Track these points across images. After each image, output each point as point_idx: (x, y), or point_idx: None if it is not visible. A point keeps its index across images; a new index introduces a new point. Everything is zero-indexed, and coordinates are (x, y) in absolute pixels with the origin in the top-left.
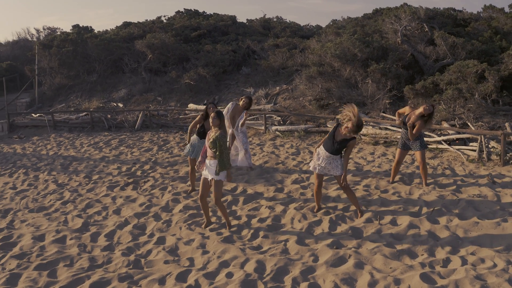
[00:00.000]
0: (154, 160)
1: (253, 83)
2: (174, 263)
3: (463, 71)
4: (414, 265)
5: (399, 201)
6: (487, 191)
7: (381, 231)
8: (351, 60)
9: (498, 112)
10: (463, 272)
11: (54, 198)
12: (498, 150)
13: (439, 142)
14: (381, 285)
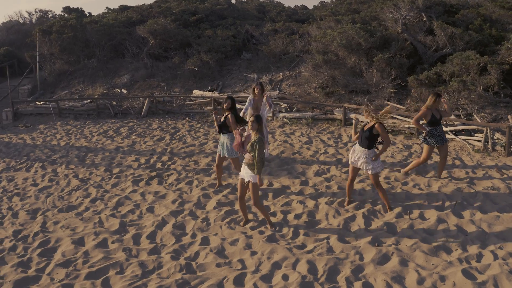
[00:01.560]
0: (170, 150)
1: (256, 68)
2: (226, 266)
3: (466, 63)
4: (452, 261)
5: (422, 194)
6: (499, 183)
7: (413, 226)
8: (356, 49)
9: (499, 104)
10: (497, 267)
11: (81, 195)
12: (502, 141)
13: (446, 132)
14: (428, 283)
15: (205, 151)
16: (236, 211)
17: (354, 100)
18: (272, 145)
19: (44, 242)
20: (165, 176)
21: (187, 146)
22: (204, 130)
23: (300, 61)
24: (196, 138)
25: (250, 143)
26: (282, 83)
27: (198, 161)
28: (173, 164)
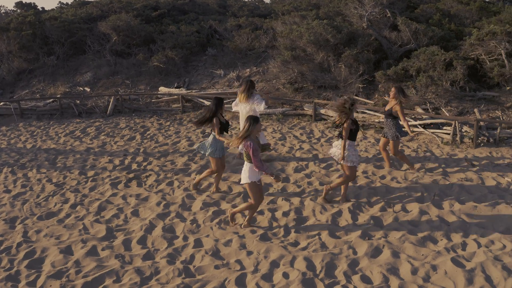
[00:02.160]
0: (143, 150)
1: (222, 64)
2: (225, 267)
3: (432, 59)
4: (440, 250)
5: (401, 187)
6: (471, 174)
7: (398, 218)
8: (324, 45)
9: (465, 98)
10: (482, 254)
11: (59, 201)
12: (470, 134)
13: (415, 126)
14: (421, 272)
15: (180, 150)
16: (224, 211)
17: (323, 95)
18: None
19: (30, 253)
20: (143, 177)
21: (160, 146)
22: (174, 128)
23: (266, 57)
24: (168, 137)
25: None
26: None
27: (174, 161)
28: (149, 164)
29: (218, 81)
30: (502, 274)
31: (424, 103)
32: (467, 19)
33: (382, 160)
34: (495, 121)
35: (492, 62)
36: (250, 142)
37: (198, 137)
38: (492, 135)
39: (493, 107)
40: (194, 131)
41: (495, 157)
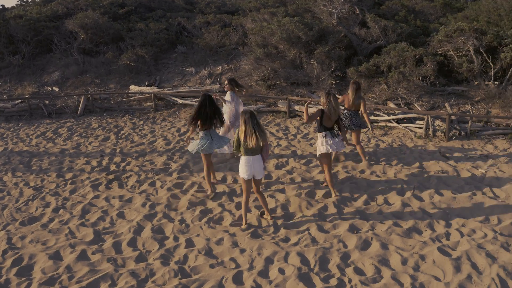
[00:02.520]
0: (119, 150)
1: (193, 62)
2: (220, 266)
3: (403, 55)
4: (426, 241)
5: (381, 181)
6: (446, 166)
7: (382, 211)
8: (296, 43)
9: (435, 93)
10: (466, 243)
11: (39, 205)
12: (442, 127)
13: (389, 121)
14: (411, 262)
15: (157, 150)
16: (211, 209)
17: (296, 92)
18: None
19: (17, 260)
20: (124, 178)
21: (136, 145)
22: (148, 128)
23: (237, 54)
24: (143, 136)
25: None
26: (221, 76)
27: (153, 161)
28: (128, 165)
29: (189, 79)
30: (486, 261)
31: (395, 98)
32: (432, 15)
33: (354, 154)
34: (466, 115)
35: (461, 58)
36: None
37: (174, 136)
38: (463, 128)
39: (462, 101)
40: (169, 130)
41: (467, 149)
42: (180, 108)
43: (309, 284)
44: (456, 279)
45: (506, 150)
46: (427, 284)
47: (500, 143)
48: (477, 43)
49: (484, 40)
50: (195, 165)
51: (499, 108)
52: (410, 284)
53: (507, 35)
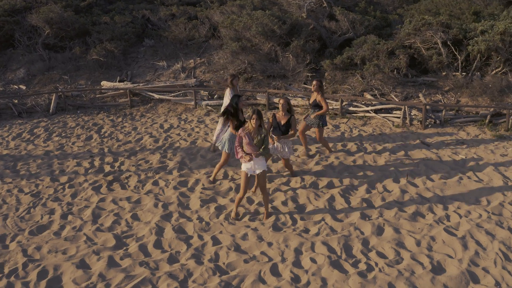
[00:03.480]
0: (108, 150)
1: (163, 56)
2: (253, 260)
3: (376, 48)
4: (431, 223)
5: (375, 170)
6: (429, 153)
7: (384, 199)
8: (271, 36)
9: (407, 84)
10: (466, 223)
11: (44, 212)
12: (419, 117)
13: (367, 111)
14: (424, 244)
15: (147, 148)
16: (224, 206)
17: (273, 84)
18: (212, 135)
19: (42, 273)
20: (124, 179)
21: (123, 144)
22: (129, 124)
23: (208, 47)
24: (127, 134)
25: (258, 139)
26: (195, 70)
27: (147, 159)
28: (122, 165)
29: (162, 73)
30: (487, 238)
31: (370, 90)
32: (389, 6)
33: (349, 146)
34: (440, 104)
35: (430, 50)
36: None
37: (159, 132)
38: (437, 117)
39: (433, 91)
40: (151, 126)
41: (443, 136)
42: (156, 104)
43: (342, 270)
44: (466, 256)
45: (478, 136)
46: (443, 262)
47: (472, 130)
48: (444, 36)
49: (451, 33)
50: (192, 162)
51: (467, 97)
52: (429, 263)
53: (471, 28)
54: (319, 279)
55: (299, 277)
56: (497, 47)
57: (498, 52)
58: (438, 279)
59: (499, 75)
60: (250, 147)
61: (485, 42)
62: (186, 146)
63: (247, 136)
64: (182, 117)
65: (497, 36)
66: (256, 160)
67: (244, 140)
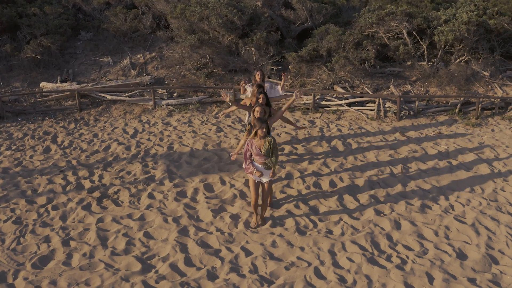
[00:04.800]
0: (77, 162)
1: (106, 51)
2: (294, 266)
3: (342, 39)
4: (440, 213)
5: (368, 166)
6: (414, 146)
7: (389, 194)
8: (231, 28)
9: (375, 75)
10: (470, 211)
11: (39, 241)
12: (393, 109)
13: (340, 105)
14: (441, 233)
15: (120, 156)
16: (238, 214)
17: (236, 79)
18: (187, 138)
19: None
20: (113, 194)
21: (91, 154)
22: (86, 131)
23: (155, 40)
24: (90, 142)
25: (265, 148)
26: (147, 66)
27: (127, 169)
28: (102, 178)
29: (109, 71)
30: (494, 223)
31: (339, 82)
32: None
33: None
34: (415, 96)
35: (395, 40)
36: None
37: (126, 138)
38: (410, 108)
39: (401, 82)
40: (114, 132)
41: (420, 128)
42: (109, 105)
43: (380, 265)
44: (482, 241)
45: (451, 125)
46: (463, 248)
47: (444, 119)
48: (409, 26)
49: (415, 23)
50: (180, 170)
51: (435, 87)
52: (452, 250)
53: (433, 17)
54: (363, 276)
55: (344, 277)
56: (463, 37)
57: (464, 42)
58: (466, 264)
59: (462, 64)
60: (259, 157)
61: (452, 32)
62: (165, 153)
63: (254, 148)
64: (142, 119)
65: (463, 26)
66: (261, 169)
67: (253, 152)
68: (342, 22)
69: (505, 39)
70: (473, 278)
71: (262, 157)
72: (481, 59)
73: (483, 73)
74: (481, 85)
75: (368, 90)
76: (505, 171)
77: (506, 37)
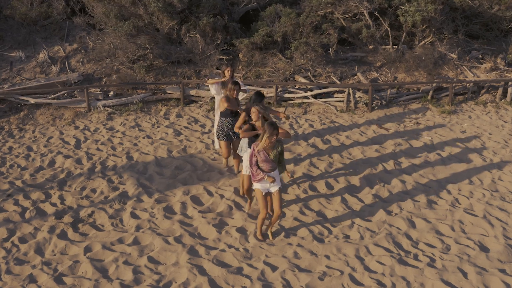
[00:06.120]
0: (22, 182)
1: (14, 43)
2: (326, 276)
3: (299, 23)
4: (448, 208)
5: (358, 164)
6: (398, 140)
7: (392, 192)
8: (170, 12)
9: (337, 62)
10: (476, 203)
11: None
12: (364, 99)
13: (306, 97)
14: (457, 228)
15: (73, 172)
16: (243, 227)
17: (179, 72)
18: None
19: None
20: (87, 217)
21: (36, 171)
22: (15, 144)
23: (71, 28)
24: (27, 158)
25: (274, 154)
26: (69, 60)
27: (89, 187)
28: (62, 199)
29: (23, 68)
30: (503, 214)
31: (300, 71)
32: None
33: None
34: (385, 83)
35: (356, 23)
36: None
37: (70, 149)
38: (381, 97)
39: (366, 68)
40: (50, 143)
41: (394, 118)
42: (32, 111)
43: (412, 265)
44: (498, 232)
45: (425, 113)
46: (483, 241)
47: (417, 108)
48: (370, 6)
49: (376, 2)
50: (153, 183)
51: (403, 72)
52: (474, 244)
53: None
54: (400, 278)
55: (381, 281)
56: (431, 17)
57: (431, 22)
58: (491, 256)
59: (428, 46)
60: (267, 164)
61: (419, 12)
62: (126, 164)
63: (262, 154)
64: (78, 125)
65: (430, 6)
66: (274, 175)
67: (259, 158)
68: (289, 2)
69: (469, 17)
70: (502, 269)
71: (270, 164)
72: (446, 40)
73: (450, 55)
74: (450, 69)
75: (335, 79)
76: (498, 161)
77: (470, 15)
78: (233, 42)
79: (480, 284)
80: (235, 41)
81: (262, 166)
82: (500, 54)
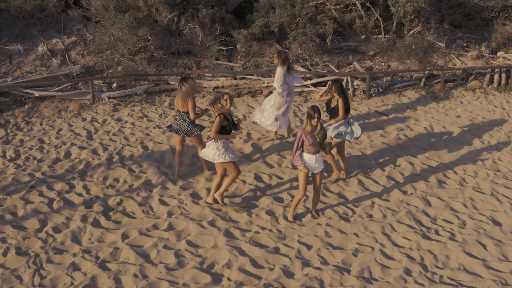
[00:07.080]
0: (43, 174)
1: (11, 36)
2: (360, 252)
3: (295, 14)
4: (458, 187)
5: (366, 147)
6: (399, 125)
7: (403, 174)
8: (170, 4)
9: (333, 51)
10: (483, 182)
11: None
12: (362, 86)
13: (306, 86)
14: (469, 205)
15: (91, 162)
16: (270, 210)
17: (180, 63)
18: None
19: None
20: (117, 206)
21: (53, 163)
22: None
23: (67, 21)
24: (42, 150)
25: (320, 136)
26: (69, 53)
27: (112, 176)
28: (87, 189)
29: (22, 61)
30: (508, 191)
31: (297, 61)
32: None
33: None
34: (381, 71)
35: (348, 13)
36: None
37: (83, 141)
38: (378, 84)
39: (360, 57)
40: (61, 135)
41: (390, 104)
42: (36, 103)
43: (435, 240)
44: (507, 208)
45: (419, 100)
46: (494, 216)
47: (411, 94)
48: None
49: None
50: (173, 170)
51: (396, 60)
52: (486, 219)
53: None
54: (427, 252)
55: (410, 255)
56: (421, 7)
57: (420, 12)
58: (504, 229)
59: (418, 35)
60: (313, 147)
61: (410, 3)
62: (142, 153)
63: (309, 137)
64: (85, 117)
65: None
66: (317, 158)
67: (306, 142)
68: None
69: (453, 6)
70: None
71: (317, 146)
72: (433, 29)
73: (438, 44)
74: (439, 57)
75: (333, 68)
76: (495, 142)
77: (454, 4)
78: (230, 33)
79: (499, 254)
80: (233, 32)
81: (308, 150)
82: (483, 42)
